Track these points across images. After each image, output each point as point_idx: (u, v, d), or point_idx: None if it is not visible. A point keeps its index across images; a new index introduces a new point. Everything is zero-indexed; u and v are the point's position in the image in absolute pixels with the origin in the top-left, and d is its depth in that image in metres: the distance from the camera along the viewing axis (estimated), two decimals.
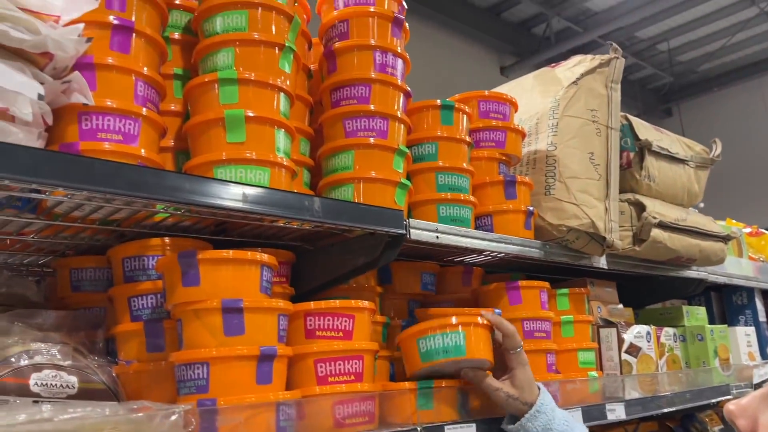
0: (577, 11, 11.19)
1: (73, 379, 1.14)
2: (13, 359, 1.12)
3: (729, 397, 2.25)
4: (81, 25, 1.01)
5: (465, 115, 1.61)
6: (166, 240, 1.26)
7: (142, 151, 1.13)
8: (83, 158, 0.93)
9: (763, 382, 2.38)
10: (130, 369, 1.19)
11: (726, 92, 14.29)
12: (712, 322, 2.58)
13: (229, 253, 1.12)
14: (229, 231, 1.40)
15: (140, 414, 0.91)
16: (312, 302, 1.25)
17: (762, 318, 2.73)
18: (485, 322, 1.36)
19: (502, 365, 1.40)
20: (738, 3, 11.10)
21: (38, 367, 1.12)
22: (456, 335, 1.32)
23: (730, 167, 13.44)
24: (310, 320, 1.24)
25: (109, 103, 1.11)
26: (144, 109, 1.15)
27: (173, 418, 0.93)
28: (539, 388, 1.37)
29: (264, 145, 1.21)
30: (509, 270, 2.01)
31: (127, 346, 1.22)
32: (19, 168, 0.86)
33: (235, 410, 1.02)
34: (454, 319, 1.33)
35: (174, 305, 1.12)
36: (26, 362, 1.13)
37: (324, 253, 1.49)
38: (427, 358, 1.33)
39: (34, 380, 1.11)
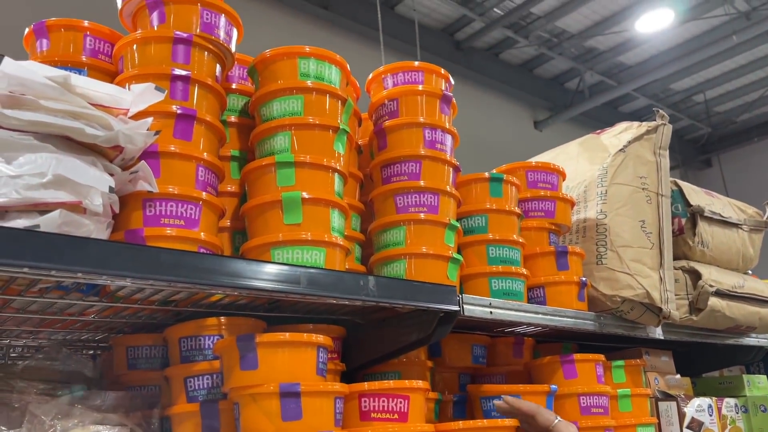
0: (610, 65, 11.25)
1: None
2: None
3: None
4: (150, 120, 1.05)
5: (514, 187, 1.62)
6: (222, 320, 1.27)
7: (202, 234, 1.16)
8: (149, 248, 0.95)
9: None
10: None
11: (767, 142, 14.06)
12: None
13: (286, 336, 1.12)
14: (283, 307, 1.41)
15: None
16: (366, 383, 1.24)
17: None
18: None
19: None
20: None
21: None
22: None
23: None
24: (365, 402, 1.22)
25: (171, 189, 1.14)
26: (204, 193, 1.18)
27: None
28: None
29: (320, 226, 1.23)
30: (560, 339, 1.96)
31: (182, 427, 1.22)
32: (90, 261, 0.89)
33: None
34: None
35: (231, 389, 1.12)
36: None
37: (376, 328, 1.48)
38: None
39: None
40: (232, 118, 1.41)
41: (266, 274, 1.07)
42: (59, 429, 1.13)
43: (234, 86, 1.42)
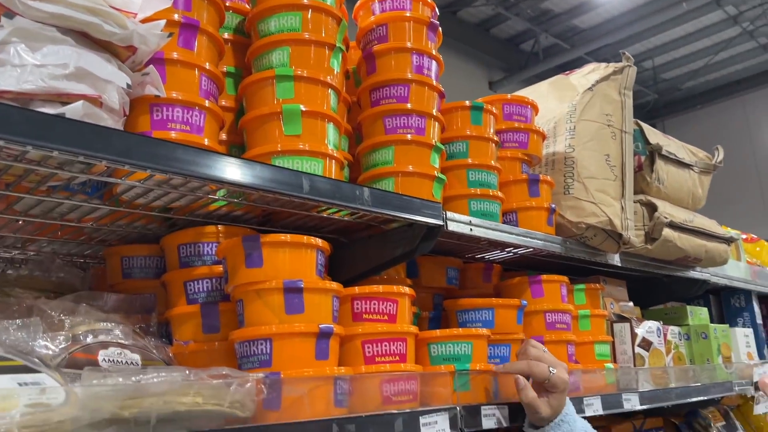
0: (564, 28, 11.43)
1: (137, 357, 1.20)
2: (81, 337, 1.18)
3: (732, 393, 2.35)
4: (163, 21, 1.08)
5: (492, 116, 1.70)
6: (220, 228, 1.33)
7: (206, 140, 1.21)
8: (168, 143, 1.00)
9: None
10: (187, 349, 1.25)
11: (709, 110, 14.59)
12: (710, 323, 2.68)
13: (288, 237, 1.19)
14: (274, 222, 1.47)
15: (220, 381, 0.97)
16: (357, 287, 1.33)
17: (759, 320, 2.84)
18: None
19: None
20: (721, 22, 11.40)
21: (104, 345, 1.18)
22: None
23: (715, 182, 13.76)
24: (357, 304, 1.31)
25: (176, 95, 1.18)
26: (207, 101, 1.22)
27: (248, 386, 1.00)
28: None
29: (317, 138, 1.29)
30: (525, 268, 2.09)
31: (183, 328, 1.29)
32: (114, 150, 0.93)
33: (299, 382, 1.09)
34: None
35: (236, 286, 1.19)
36: (93, 340, 1.18)
37: (361, 245, 1.57)
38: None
39: (101, 356, 1.17)
40: (227, 35, 1.43)
41: (273, 178, 1.13)
42: (68, 324, 1.18)
43: (228, 3, 1.45)
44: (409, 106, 1.49)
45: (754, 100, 14.10)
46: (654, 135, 2.11)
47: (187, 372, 0.98)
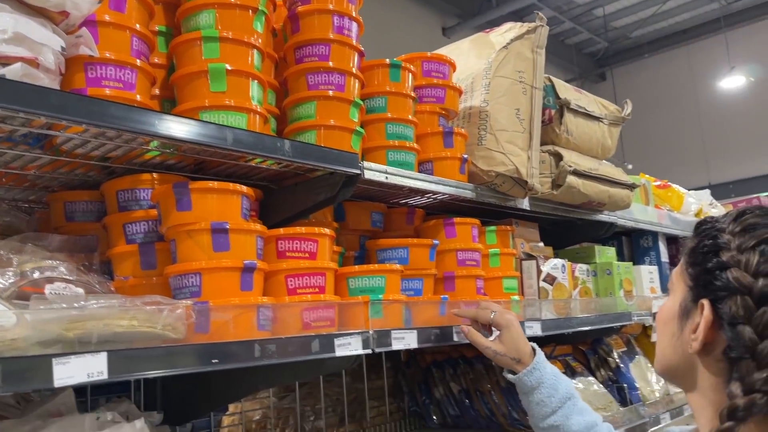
0: None
1: (81, 291, 1.35)
2: (28, 273, 1.32)
3: (630, 322, 2.64)
4: None
5: (410, 74, 1.86)
6: (155, 175, 1.47)
7: (138, 96, 1.34)
8: (102, 101, 1.13)
9: None
10: (127, 283, 1.41)
11: (656, 58, 14.92)
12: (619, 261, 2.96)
13: (215, 184, 1.35)
14: (206, 170, 1.62)
15: (153, 307, 1.14)
16: (281, 228, 1.50)
17: (664, 259, 3.14)
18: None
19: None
20: None
21: (50, 280, 1.33)
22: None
23: (659, 130, 14.24)
24: (281, 243, 1.48)
25: (108, 55, 1.30)
26: (138, 60, 1.34)
27: (178, 311, 1.17)
28: (534, 348, 1.58)
29: (241, 94, 1.43)
30: (447, 213, 2.29)
31: (123, 265, 1.44)
32: (52, 107, 1.06)
33: (225, 309, 1.27)
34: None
35: (168, 227, 1.35)
36: (40, 276, 1.33)
37: (289, 192, 1.73)
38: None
39: (48, 290, 1.31)
40: None
41: (199, 131, 1.27)
42: (15, 262, 1.32)
43: None
44: (330, 64, 1.64)
45: (698, 50, 14.48)
46: (564, 90, 2.30)
47: (125, 300, 1.15)
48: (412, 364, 2.60)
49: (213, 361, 1.18)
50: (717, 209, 3.63)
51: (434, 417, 2.49)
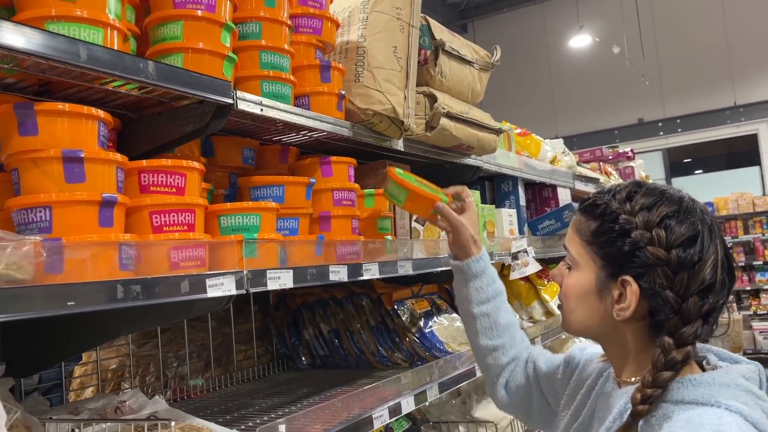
0: None
1: None
2: None
3: (492, 261, 2.77)
4: None
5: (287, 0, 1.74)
6: None
7: None
8: None
9: (519, 252, 2.94)
10: None
11: (514, 13, 15.51)
12: (482, 204, 3.08)
13: (66, 106, 1.18)
14: (53, 93, 1.42)
15: None
16: (144, 160, 1.36)
17: (522, 203, 3.31)
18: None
19: None
20: None
21: None
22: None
23: (514, 84, 14.95)
24: (144, 177, 1.35)
25: None
26: None
27: (25, 249, 1.03)
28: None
29: (96, 6, 1.25)
30: (322, 153, 2.23)
31: None
32: None
33: (82, 246, 1.13)
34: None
35: (9, 155, 1.17)
36: None
37: (151, 122, 1.57)
38: None
39: None
40: None
41: (46, 44, 1.10)
42: None
43: None
44: None
45: (552, 7, 15.21)
46: (440, 31, 2.29)
47: None
48: (281, 307, 2.56)
49: (69, 303, 1.06)
50: (569, 157, 3.89)
51: (303, 358, 2.49)
